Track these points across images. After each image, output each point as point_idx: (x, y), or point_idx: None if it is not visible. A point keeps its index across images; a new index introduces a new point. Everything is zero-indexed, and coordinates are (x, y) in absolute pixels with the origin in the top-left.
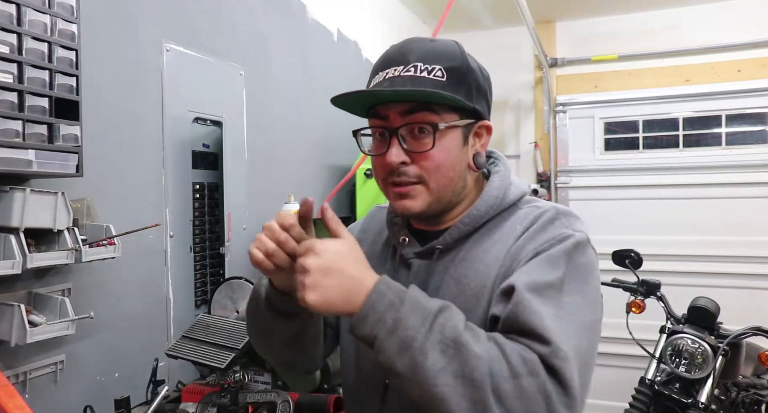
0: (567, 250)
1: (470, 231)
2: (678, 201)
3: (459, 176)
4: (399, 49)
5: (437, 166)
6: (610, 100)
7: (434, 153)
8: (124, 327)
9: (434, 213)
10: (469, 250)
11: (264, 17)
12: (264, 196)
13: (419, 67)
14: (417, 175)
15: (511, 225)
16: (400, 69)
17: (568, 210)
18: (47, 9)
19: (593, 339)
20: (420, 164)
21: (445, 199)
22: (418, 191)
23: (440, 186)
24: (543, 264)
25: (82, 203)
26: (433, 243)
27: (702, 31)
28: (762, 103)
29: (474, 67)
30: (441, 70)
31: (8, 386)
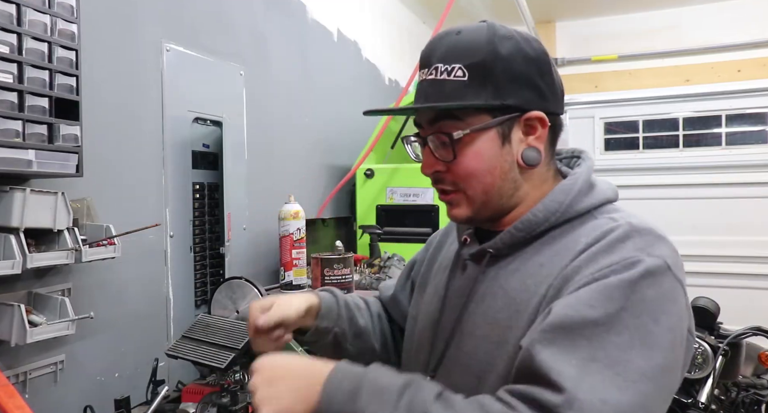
0: (631, 280)
1: (526, 238)
2: (678, 201)
3: (502, 178)
4: (428, 46)
5: (468, 174)
6: (610, 100)
7: (461, 162)
8: (124, 327)
9: (487, 217)
10: (525, 261)
11: (264, 17)
12: (264, 196)
13: (439, 69)
14: (452, 182)
15: (575, 237)
16: (425, 72)
17: (649, 228)
18: (47, 9)
19: (653, 390)
20: (452, 171)
21: (493, 203)
22: (459, 199)
23: (479, 192)
24: (593, 294)
25: (82, 203)
26: (484, 246)
27: (702, 31)
28: (762, 103)
29: (506, 54)
30: (462, 69)
31: (8, 386)
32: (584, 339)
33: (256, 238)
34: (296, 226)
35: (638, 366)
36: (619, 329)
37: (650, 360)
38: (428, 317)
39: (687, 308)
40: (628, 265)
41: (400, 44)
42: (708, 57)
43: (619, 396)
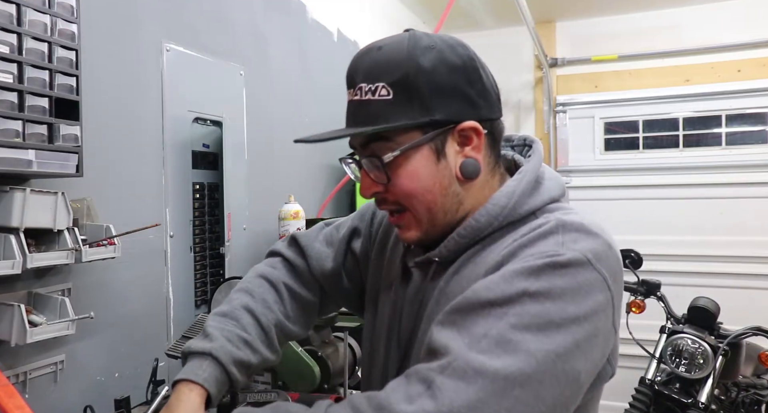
0: (537, 267)
1: (470, 244)
2: (678, 201)
3: (443, 194)
4: (352, 64)
5: (406, 194)
6: (610, 100)
7: (397, 183)
8: (124, 327)
9: (438, 235)
10: (464, 264)
11: (264, 17)
12: (264, 196)
13: (363, 89)
14: (395, 202)
15: (510, 237)
16: (351, 92)
17: (579, 223)
18: (47, 9)
19: (538, 372)
20: (391, 192)
21: (439, 220)
22: (407, 219)
23: (423, 211)
24: (495, 278)
25: (82, 203)
26: (429, 255)
27: (702, 31)
28: (762, 103)
29: (428, 66)
30: (385, 88)
31: (8, 386)
32: (480, 318)
33: (256, 238)
34: (296, 226)
35: (528, 346)
36: (517, 311)
37: (543, 344)
38: (384, 322)
39: (609, 303)
40: (540, 257)
41: None
42: (708, 57)
43: (499, 364)
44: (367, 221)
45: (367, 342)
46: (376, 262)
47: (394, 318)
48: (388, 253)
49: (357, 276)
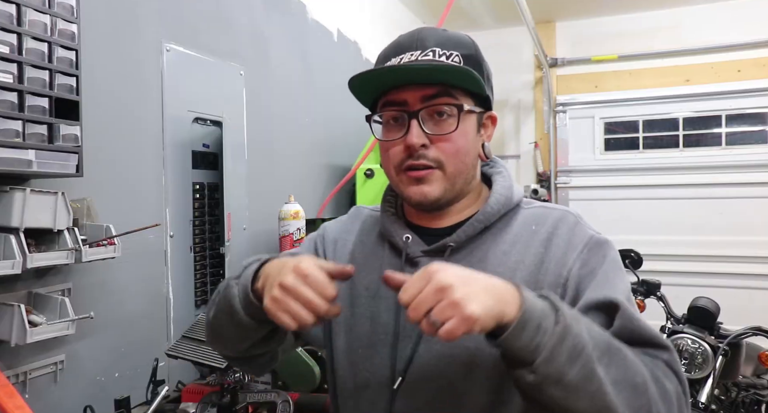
0: (613, 252)
1: (480, 229)
2: (678, 201)
3: (472, 164)
4: (413, 35)
5: (456, 150)
6: (610, 100)
7: (455, 136)
8: (124, 327)
9: (447, 201)
10: (487, 251)
11: (264, 17)
12: (264, 196)
13: (437, 52)
14: (435, 159)
15: (522, 225)
16: (418, 54)
17: (576, 211)
18: (47, 9)
19: None
20: (439, 146)
21: (458, 186)
22: (435, 176)
23: (456, 171)
24: (612, 273)
25: (82, 203)
26: (445, 241)
27: (702, 31)
28: (762, 103)
29: (484, 58)
30: (459, 56)
31: (8, 386)
32: (634, 307)
33: (256, 238)
34: (296, 226)
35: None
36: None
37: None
38: (375, 319)
39: None
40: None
41: None
42: (708, 57)
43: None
44: (315, 249)
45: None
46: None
47: (399, 314)
48: (355, 256)
49: None
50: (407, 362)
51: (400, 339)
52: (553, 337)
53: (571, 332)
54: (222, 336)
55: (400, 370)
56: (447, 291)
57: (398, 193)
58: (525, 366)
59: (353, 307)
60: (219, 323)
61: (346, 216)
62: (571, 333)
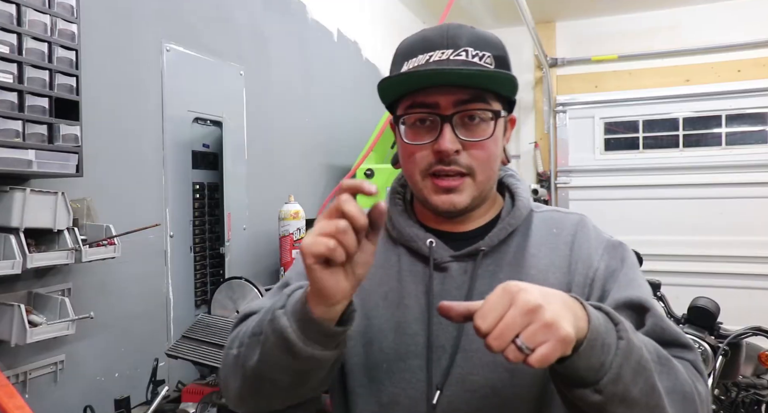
0: (631, 254)
1: (509, 233)
2: (678, 201)
3: (498, 169)
4: (443, 31)
5: (488, 156)
6: (610, 100)
7: (488, 142)
8: (124, 327)
9: (472, 209)
10: (515, 254)
11: (264, 17)
12: (264, 196)
13: (470, 52)
14: (467, 166)
15: (542, 229)
16: (449, 52)
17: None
18: (47, 9)
19: None
20: (472, 154)
21: (485, 192)
22: (465, 184)
23: (486, 178)
24: (633, 274)
25: (82, 203)
26: (477, 245)
27: (702, 31)
28: (762, 103)
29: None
30: (491, 58)
31: (8, 386)
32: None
33: (256, 238)
34: (296, 226)
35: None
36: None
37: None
38: (401, 330)
39: None
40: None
41: None
42: (708, 57)
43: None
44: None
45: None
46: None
47: (430, 322)
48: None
49: None
50: (444, 374)
51: (432, 349)
52: (619, 355)
53: (634, 347)
54: (269, 386)
55: (438, 383)
56: (537, 313)
57: (420, 198)
58: (589, 386)
59: (369, 319)
60: (264, 371)
61: None
62: (634, 349)
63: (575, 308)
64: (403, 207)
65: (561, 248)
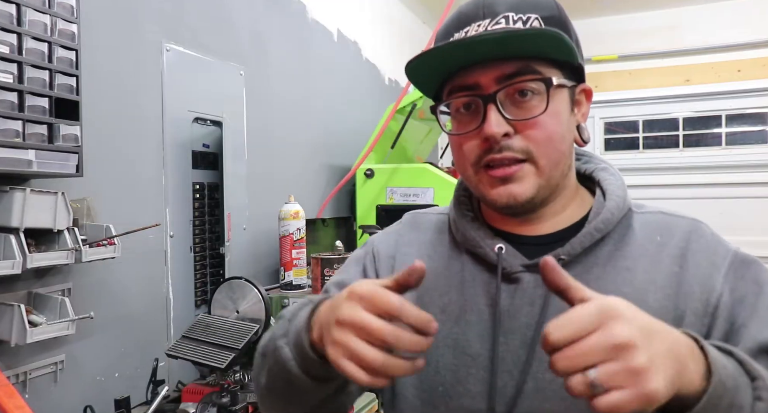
0: (766, 274)
1: (597, 240)
2: (678, 201)
3: (569, 151)
4: (477, 2)
5: (548, 135)
6: (610, 100)
7: (545, 119)
8: (124, 327)
9: (541, 200)
10: (605, 266)
11: (264, 17)
12: (264, 196)
13: (511, 18)
14: (523, 149)
15: (643, 236)
16: (486, 23)
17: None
18: (47, 9)
19: None
20: (526, 135)
21: (554, 180)
22: (525, 171)
23: (552, 162)
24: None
25: (82, 203)
26: (556, 252)
27: (702, 31)
28: (762, 103)
29: (569, 20)
30: (538, 20)
31: (8, 386)
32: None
33: (256, 238)
34: (296, 226)
35: None
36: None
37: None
38: (461, 348)
39: None
40: (745, 260)
41: (400, 44)
42: (708, 57)
43: None
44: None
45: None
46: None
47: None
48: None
49: None
50: (510, 404)
51: (497, 373)
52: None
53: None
54: (284, 402)
55: (500, 412)
56: (627, 352)
57: (477, 195)
58: None
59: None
60: (276, 390)
61: (399, 225)
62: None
63: (687, 355)
64: (472, 215)
65: (666, 262)
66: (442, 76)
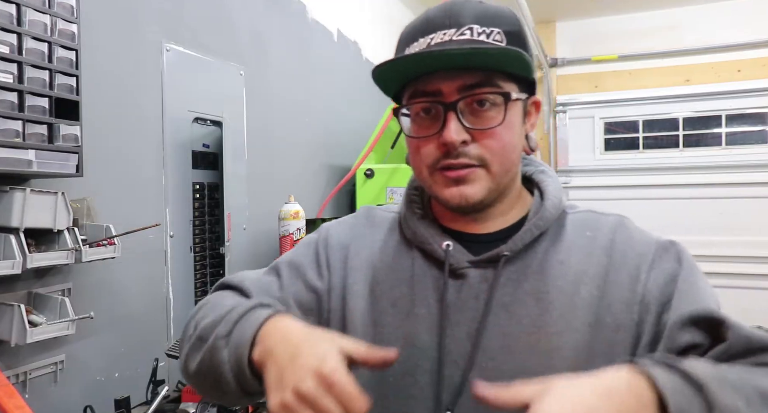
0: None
1: (536, 237)
2: (678, 201)
3: (518, 159)
4: (445, 8)
5: (503, 146)
6: (610, 100)
7: (501, 130)
8: (124, 327)
9: (490, 202)
10: (542, 260)
11: (264, 17)
12: (264, 196)
13: (475, 30)
14: (478, 157)
15: (574, 232)
16: (452, 32)
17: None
18: (47, 9)
19: None
20: (483, 143)
21: (503, 184)
22: (477, 175)
23: (503, 169)
24: (693, 278)
25: (82, 203)
26: (500, 249)
27: (702, 31)
28: (762, 103)
29: (527, 34)
30: (501, 34)
31: (8, 386)
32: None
33: (256, 238)
34: (296, 226)
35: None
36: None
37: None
38: (411, 342)
39: None
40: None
41: None
42: (708, 57)
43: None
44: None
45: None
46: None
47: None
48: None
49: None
50: (456, 393)
51: (444, 365)
52: None
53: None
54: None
55: (448, 403)
56: None
57: (431, 194)
58: None
59: (376, 327)
60: (204, 379)
61: (354, 217)
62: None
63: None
64: (422, 213)
65: (597, 255)
66: (404, 80)
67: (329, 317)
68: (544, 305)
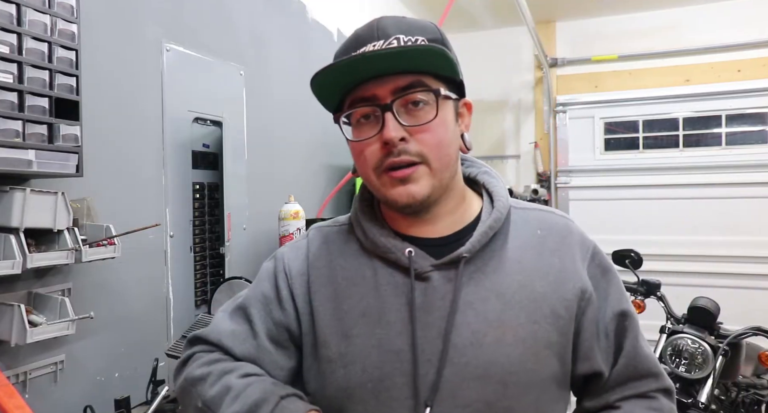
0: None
1: (490, 237)
2: (678, 201)
3: (455, 156)
4: (372, 26)
5: (439, 140)
6: (610, 100)
7: (435, 125)
8: (124, 327)
9: (435, 199)
10: (499, 260)
11: (264, 17)
12: (264, 196)
13: (401, 39)
14: (418, 153)
15: (525, 230)
16: (380, 43)
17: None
18: (47, 9)
19: None
20: (419, 139)
21: (445, 181)
22: (420, 172)
23: (442, 165)
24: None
25: (82, 203)
26: (459, 252)
27: (702, 31)
28: (762, 103)
29: (450, 45)
30: (425, 41)
31: (8, 386)
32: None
33: (256, 238)
34: (296, 226)
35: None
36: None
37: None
38: (385, 347)
39: None
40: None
41: None
42: (708, 57)
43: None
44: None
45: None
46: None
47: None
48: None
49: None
50: (433, 389)
51: (419, 364)
52: None
53: None
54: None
55: (427, 399)
56: None
57: (380, 197)
58: None
59: (348, 338)
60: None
61: (306, 240)
62: None
63: None
64: (372, 215)
65: (547, 255)
66: (343, 91)
67: (302, 341)
68: (506, 300)
